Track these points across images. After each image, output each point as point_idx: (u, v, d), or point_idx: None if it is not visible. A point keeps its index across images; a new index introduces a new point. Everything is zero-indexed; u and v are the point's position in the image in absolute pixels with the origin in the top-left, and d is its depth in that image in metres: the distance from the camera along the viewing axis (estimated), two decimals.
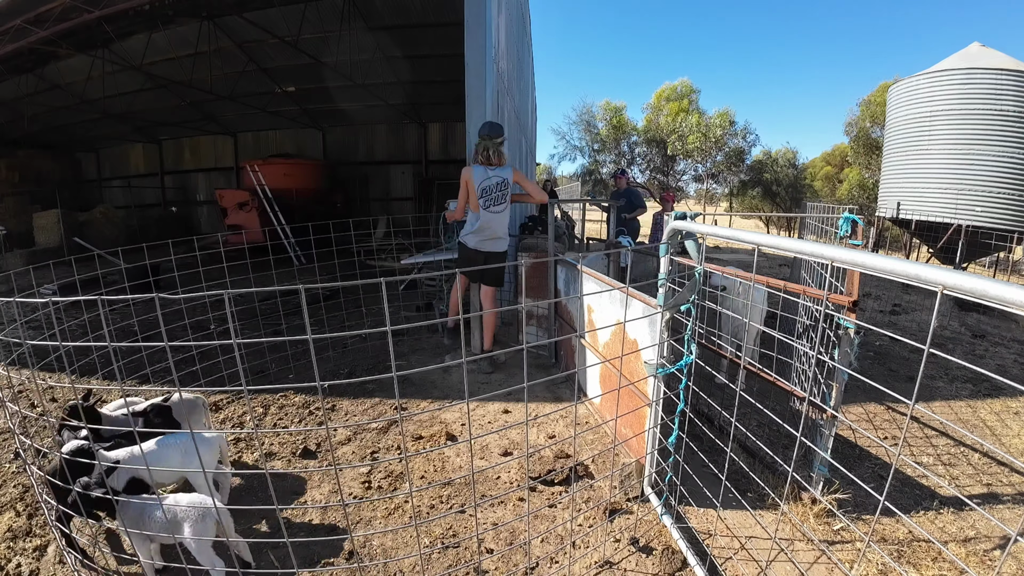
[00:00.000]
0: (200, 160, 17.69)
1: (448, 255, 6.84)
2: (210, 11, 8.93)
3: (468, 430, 3.17)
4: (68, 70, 10.49)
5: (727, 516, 2.49)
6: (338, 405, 3.90)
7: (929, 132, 10.24)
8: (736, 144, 24.75)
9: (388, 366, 4.49)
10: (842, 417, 2.23)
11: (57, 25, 7.71)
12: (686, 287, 2.15)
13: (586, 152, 28.18)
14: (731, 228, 1.90)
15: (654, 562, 2.21)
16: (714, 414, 3.40)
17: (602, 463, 2.98)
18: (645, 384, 2.55)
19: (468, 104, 4.73)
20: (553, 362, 4.65)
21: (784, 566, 2.16)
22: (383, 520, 2.55)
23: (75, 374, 3.77)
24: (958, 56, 10.32)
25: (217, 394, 3.99)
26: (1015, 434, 3.44)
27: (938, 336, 5.74)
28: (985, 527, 2.47)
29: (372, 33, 10.03)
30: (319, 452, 3.18)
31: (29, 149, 16.21)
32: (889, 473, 1.90)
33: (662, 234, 6.63)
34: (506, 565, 2.22)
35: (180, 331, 4.99)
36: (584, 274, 3.67)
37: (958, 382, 4.32)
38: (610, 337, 3.20)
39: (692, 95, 25.72)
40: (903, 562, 2.22)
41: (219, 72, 10.83)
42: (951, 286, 1.04)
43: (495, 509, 2.63)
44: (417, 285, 7.07)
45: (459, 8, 4.88)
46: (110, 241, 12.70)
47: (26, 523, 2.50)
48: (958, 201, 9.86)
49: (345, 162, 16.34)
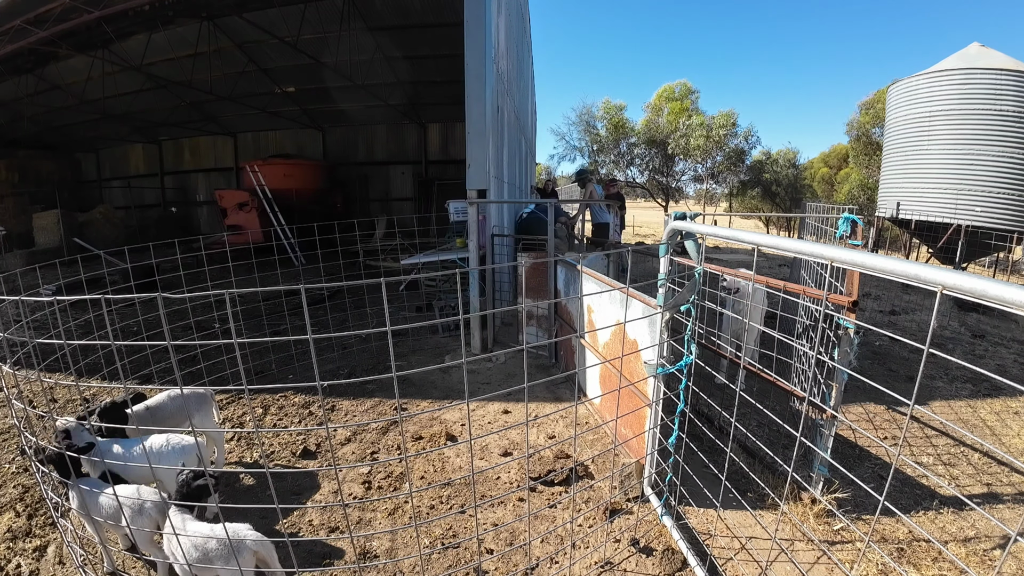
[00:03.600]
0: (200, 160, 17.69)
1: (448, 255, 6.85)
2: (210, 11, 8.93)
3: (468, 430, 3.17)
4: (68, 70, 10.49)
5: (727, 516, 2.49)
6: (338, 405, 3.90)
7: (929, 132, 10.24)
8: (737, 144, 24.75)
9: (388, 366, 4.49)
10: (842, 417, 2.24)
11: (57, 25, 7.71)
12: (686, 287, 2.15)
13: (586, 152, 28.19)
14: (731, 228, 1.90)
15: (654, 562, 2.21)
16: (714, 414, 3.40)
17: (602, 463, 2.99)
18: (645, 384, 2.55)
19: (468, 105, 4.73)
20: (553, 362, 4.65)
21: (784, 566, 2.17)
22: (383, 520, 2.55)
23: (78, 373, 3.77)
24: (958, 56, 10.32)
25: (218, 394, 3.99)
26: (1015, 434, 3.45)
27: (938, 336, 5.74)
28: (985, 527, 2.47)
29: (372, 33, 10.03)
30: (319, 452, 3.18)
31: (29, 149, 16.22)
32: (889, 473, 1.90)
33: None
34: (506, 565, 2.22)
35: (180, 331, 5.00)
36: (584, 274, 3.67)
37: (958, 382, 4.32)
38: (610, 337, 3.21)
39: (691, 96, 25.73)
40: (903, 562, 2.22)
41: (219, 72, 10.83)
42: (951, 286, 1.04)
43: (495, 509, 2.63)
44: (418, 285, 7.07)
45: (459, 8, 4.88)
46: (110, 241, 12.71)
47: (26, 523, 2.50)
48: (958, 201, 9.86)
49: (345, 162, 16.35)
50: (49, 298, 2.10)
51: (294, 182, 12.98)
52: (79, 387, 3.95)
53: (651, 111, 26.54)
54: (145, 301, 4.68)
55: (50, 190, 15.28)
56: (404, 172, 16.44)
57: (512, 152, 8.19)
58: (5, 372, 1.96)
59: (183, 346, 4.23)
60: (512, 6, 7.46)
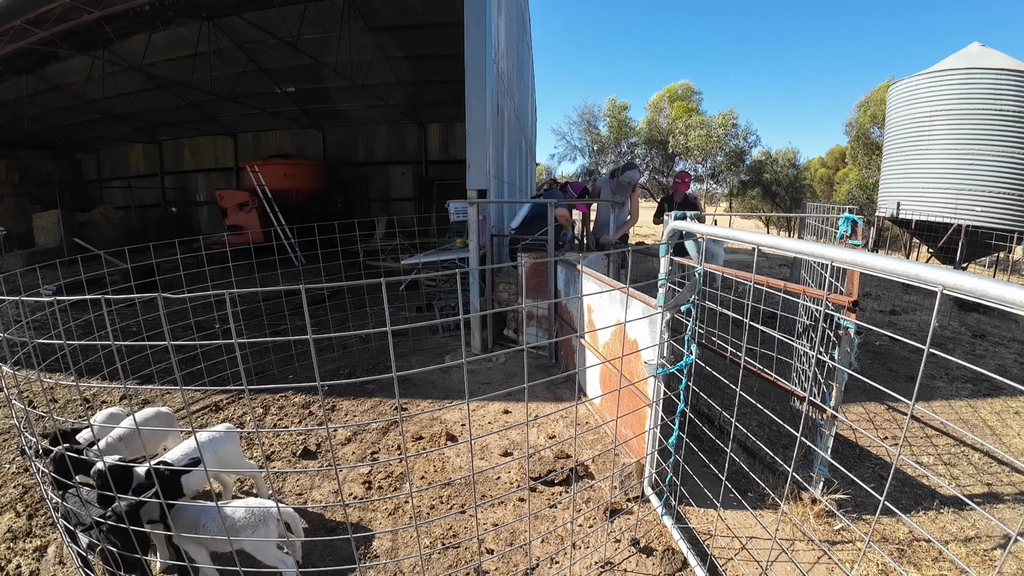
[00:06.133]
0: (200, 160, 17.70)
1: (448, 255, 6.85)
2: (210, 11, 8.94)
3: (468, 430, 3.17)
4: (68, 70, 10.49)
5: (727, 516, 2.49)
6: (338, 405, 3.90)
7: (929, 132, 10.23)
8: (737, 144, 24.74)
9: (388, 366, 4.49)
10: (842, 417, 2.24)
11: (57, 26, 7.71)
12: (686, 287, 2.15)
13: (586, 152, 28.19)
14: (731, 228, 1.90)
15: (654, 563, 2.21)
16: (714, 414, 3.40)
17: (602, 463, 2.98)
18: (645, 384, 2.55)
19: (468, 104, 4.73)
20: (553, 362, 4.65)
21: (785, 566, 2.16)
22: (384, 520, 2.55)
23: (78, 374, 3.77)
24: (958, 56, 10.31)
25: (218, 394, 3.99)
26: (1015, 433, 3.44)
27: (938, 336, 5.74)
28: (986, 527, 2.47)
29: (372, 33, 10.03)
30: (319, 452, 3.18)
31: (29, 149, 16.23)
32: (889, 473, 1.90)
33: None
34: (506, 565, 2.22)
35: (180, 331, 5.00)
36: (584, 274, 3.67)
37: (958, 382, 4.32)
38: (610, 337, 3.21)
39: (693, 96, 25.72)
40: (904, 562, 2.22)
41: (219, 72, 10.83)
42: (951, 286, 1.04)
43: (495, 509, 2.63)
44: (418, 285, 7.07)
45: (459, 8, 4.88)
46: (110, 241, 12.72)
47: (26, 523, 2.50)
48: (958, 201, 9.85)
49: (345, 162, 16.35)
50: (49, 298, 2.10)
51: (294, 182, 12.98)
52: (79, 387, 3.95)
53: (652, 110, 26.54)
54: (145, 301, 4.68)
55: (50, 190, 15.28)
56: (404, 172, 16.44)
57: (512, 152, 8.20)
58: (5, 372, 1.96)
59: (183, 346, 4.23)
60: (512, 6, 7.46)
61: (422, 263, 6.91)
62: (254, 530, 1.89)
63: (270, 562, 1.96)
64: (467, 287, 5.30)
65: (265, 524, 1.91)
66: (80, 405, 3.88)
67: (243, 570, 1.87)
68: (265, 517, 1.92)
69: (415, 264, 6.98)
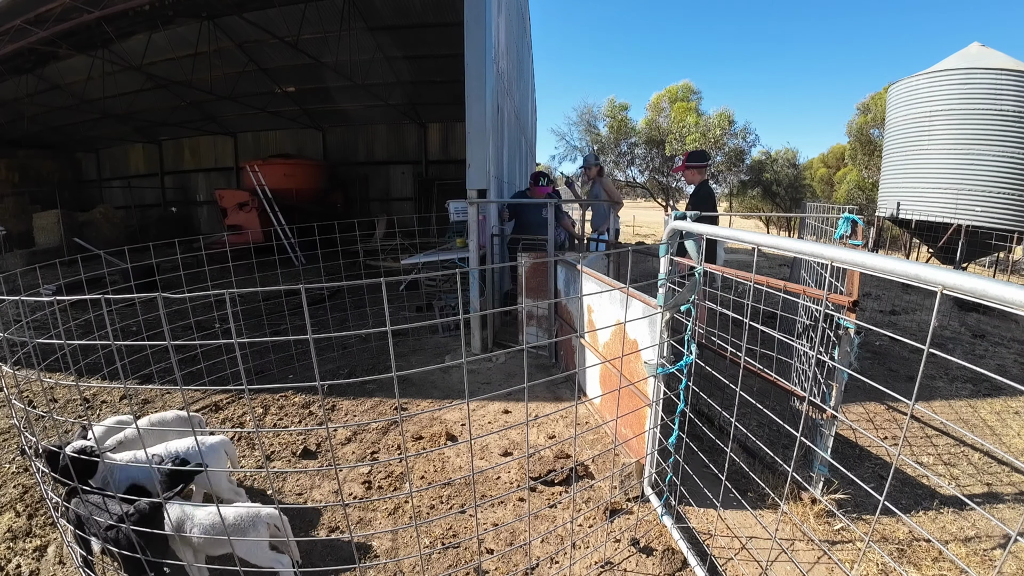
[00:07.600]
0: (200, 160, 17.68)
1: (448, 255, 6.85)
2: (210, 11, 8.93)
3: (468, 430, 3.17)
4: (68, 70, 10.48)
5: (727, 516, 2.49)
6: (338, 405, 3.90)
7: (929, 132, 10.23)
8: (736, 144, 24.71)
9: (388, 366, 4.49)
10: (842, 417, 2.24)
11: (57, 25, 7.71)
12: (686, 287, 2.15)
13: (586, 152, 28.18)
14: (731, 228, 1.90)
15: (654, 562, 2.21)
16: (714, 414, 3.40)
17: (602, 463, 2.98)
18: (645, 384, 2.55)
19: (468, 104, 4.73)
20: (553, 362, 4.65)
21: (785, 566, 2.16)
22: (383, 520, 2.55)
23: (78, 373, 3.77)
24: (958, 56, 10.31)
25: (218, 394, 3.99)
26: (1015, 433, 3.45)
27: (938, 336, 5.74)
28: (986, 526, 2.47)
29: (372, 33, 10.03)
30: (319, 452, 3.18)
31: (29, 149, 16.22)
32: (889, 473, 1.90)
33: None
34: (506, 565, 2.22)
35: (180, 331, 5.00)
36: (584, 274, 3.67)
37: (958, 382, 4.32)
38: (610, 337, 3.21)
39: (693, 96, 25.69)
40: (904, 562, 2.22)
41: (219, 72, 10.83)
42: (951, 286, 1.04)
43: (495, 509, 2.63)
44: (418, 285, 7.07)
45: (459, 8, 4.88)
46: (110, 241, 12.71)
47: (26, 523, 2.50)
48: (958, 201, 9.85)
49: (345, 162, 16.34)
50: (49, 298, 2.10)
51: (294, 182, 12.97)
52: (79, 387, 3.95)
53: (652, 110, 26.52)
54: (145, 301, 4.68)
55: (50, 190, 15.27)
56: (404, 172, 16.44)
57: (512, 152, 8.19)
58: (5, 372, 1.96)
59: (183, 346, 4.23)
60: (512, 6, 7.46)
61: (422, 263, 6.91)
62: (243, 535, 1.88)
63: (265, 563, 1.96)
64: (467, 287, 5.29)
65: (254, 527, 1.91)
66: (80, 405, 3.88)
67: (243, 570, 1.87)
68: (254, 521, 1.92)
69: (415, 264, 6.97)
